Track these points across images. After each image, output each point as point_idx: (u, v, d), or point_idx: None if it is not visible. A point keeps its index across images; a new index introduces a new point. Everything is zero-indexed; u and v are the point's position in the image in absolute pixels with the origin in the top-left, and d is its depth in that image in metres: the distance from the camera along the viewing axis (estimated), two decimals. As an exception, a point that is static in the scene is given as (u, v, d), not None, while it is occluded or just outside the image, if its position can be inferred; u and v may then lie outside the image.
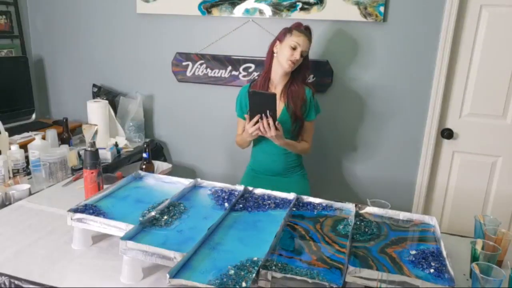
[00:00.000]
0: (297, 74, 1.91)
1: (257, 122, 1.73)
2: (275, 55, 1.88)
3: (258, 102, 1.72)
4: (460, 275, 1.19)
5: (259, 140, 1.96)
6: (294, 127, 1.90)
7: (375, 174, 2.41)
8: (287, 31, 1.85)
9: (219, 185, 1.53)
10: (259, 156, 2.01)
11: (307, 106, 1.92)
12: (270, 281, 0.99)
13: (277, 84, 1.93)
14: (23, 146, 1.94)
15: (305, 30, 1.86)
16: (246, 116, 1.76)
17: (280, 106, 1.90)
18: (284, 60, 1.83)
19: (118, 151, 2.31)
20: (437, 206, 2.39)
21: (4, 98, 2.55)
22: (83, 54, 2.78)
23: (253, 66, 2.42)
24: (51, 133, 2.16)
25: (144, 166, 1.87)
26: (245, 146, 2.01)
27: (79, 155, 2.00)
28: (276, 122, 1.72)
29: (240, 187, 1.50)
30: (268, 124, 1.70)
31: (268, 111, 1.69)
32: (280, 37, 1.87)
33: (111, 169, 2.15)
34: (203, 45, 2.49)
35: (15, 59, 2.70)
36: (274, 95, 1.67)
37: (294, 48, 1.81)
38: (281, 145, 1.84)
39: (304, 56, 1.85)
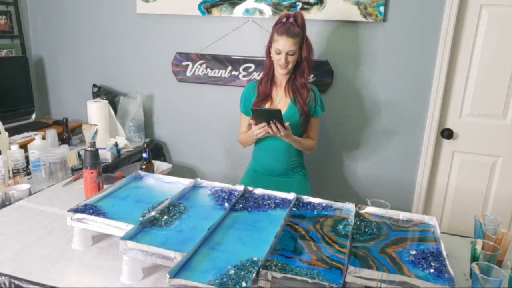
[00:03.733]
0: (298, 67, 1.91)
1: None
2: (272, 59, 1.90)
3: (262, 116, 1.73)
4: (460, 275, 1.19)
5: (260, 140, 1.96)
6: (302, 120, 1.91)
7: (375, 174, 2.41)
8: (271, 35, 1.87)
9: (219, 185, 1.53)
10: (261, 156, 2.01)
11: (313, 102, 1.93)
12: (270, 281, 0.99)
13: (281, 81, 1.94)
14: (23, 146, 1.94)
15: (286, 28, 1.79)
16: (251, 121, 1.77)
17: (286, 101, 1.92)
18: (275, 65, 1.87)
19: (118, 151, 2.31)
20: (437, 206, 2.39)
21: (4, 98, 2.55)
22: (83, 54, 2.78)
23: (253, 66, 2.42)
24: (51, 133, 2.16)
25: (144, 166, 1.87)
26: (248, 145, 2.01)
27: (79, 155, 2.00)
28: (286, 124, 1.73)
29: (240, 187, 1.50)
30: (277, 126, 1.71)
31: (274, 120, 1.70)
32: (269, 42, 1.89)
33: (111, 169, 2.15)
34: (203, 45, 2.49)
35: (15, 59, 2.70)
36: (279, 111, 1.68)
37: (278, 53, 1.82)
38: (289, 141, 1.85)
39: (293, 54, 1.82)
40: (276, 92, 1.95)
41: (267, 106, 1.93)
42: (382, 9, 2.13)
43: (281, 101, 1.93)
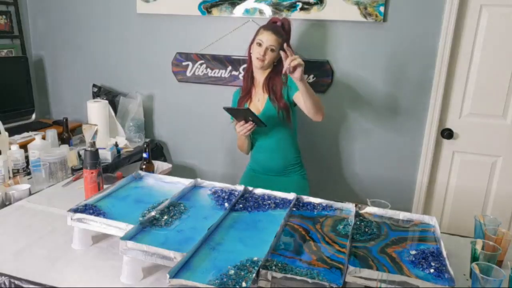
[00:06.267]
0: (277, 68, 1.94)
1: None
2: (252, 54, 1.93)
3: (236, 114, 1.81)
4: (460, 275, 1.19)
5: (257, 139, 1.98)
6: (280, 114, 1.92)
7: (375, 174, 2.41)
8: (256, 32, 1.93)
9: (219, 185, 1.53)
10: (258, 156, 2.01)
11: (287, 87, 1.92)
12: (270, 281, 0.99)
13: (259, 80, 1.98)
14: (23, 146, 1.94)
15: (273, 25, 1.92)
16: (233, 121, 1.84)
17: (264, 97, 1.96)
18: (253, 58, 1.90)
19: (118, 151, 2.31)
20: (437, 206, 2.39)
21: (4, 98, 2.55)
22: (83, 54, 2.78)
23: (253, 66, 2.42)
24: (51, 133, 2.16)
25: (144, 166, 1.87)
26: (245, 149, 2.03)
27: (79, 155, 2.00)
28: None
29: (240, 187, 1.50)
30: (256, 123, 1.77)
31: (249, 118, 1.76)
32: (253, 40, 1.93)
33: (111, 169, 2.15)
34: (203, 45, 2.49)
35: (15, 59, 2.70)
36: (247, 109, 1.74)
37: (259, 45, 1.86)
38: (305, 86, 1.68)
39: (273, 50, 1.86)
40: (255, 91, 2.00)
41: (248, 104, 1.98)
42: (382, 9, 2.13)
43: (260, 99, 1.97)
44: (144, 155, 1.88)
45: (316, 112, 1.77)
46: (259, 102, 1.97)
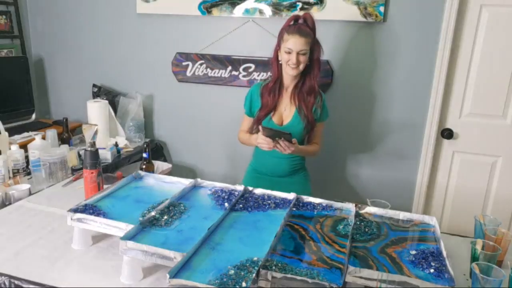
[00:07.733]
0: (307, 70, 1.84)
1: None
2: (280, 62, 1.84)
3: (272, 133, 1.70)
4: (460, 275, 1.19)
5: None
6: (305, 130, 1.88)
7: (375, 174, 2.41)
8: (281, 37, 1.80)
9: (219, 185, 1.53)
10: (263, 158, 1.97)
11: (318, 108, 1.89)
12: (270, 281, 0.99)
13: (287, 87, 1.89)
14: (23, 146, 1.94)
15: (297, 28, 1.76)
16: (260, 129, 1.73)
17: (291, 110, 1.87)
18: (285, 65, 1.80)
19: (118, 151, 2.31)
20: (437, 206, 2.39)
21: (4, 98, 2.55)
22: (83, 54, 2.78)
23: (253, 66, 2.42)
24: (51, 133, 2.16)
25: (144, 166, 1.87)
26: (245, 145, 2.01)
27: (79, 155, 2.00)
28: (294, 140, 1.71)
29: (240, 187, 1.50)
30: (286, 144, 1.69)
31: (282, 138, 1.68)
32: (278, 44, 1.83)
33: (111, 169, 2.15)
34: (203, 45, 2.49)
35: (15, 59, 2.70)
36: (289, 134, 1.65)
37: (289, 53, 1.75)
38: (295, 153, 1.83)
39: (305, 53, 1.76)
40: (282, 99, 1.89)
41: (271, 115, 1.88)
42: (382, 9, 2.13)
43: (287, 109, 1.89)
44: (144, 155, 1.88)
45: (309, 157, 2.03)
46: (285, 113, 1.88)
